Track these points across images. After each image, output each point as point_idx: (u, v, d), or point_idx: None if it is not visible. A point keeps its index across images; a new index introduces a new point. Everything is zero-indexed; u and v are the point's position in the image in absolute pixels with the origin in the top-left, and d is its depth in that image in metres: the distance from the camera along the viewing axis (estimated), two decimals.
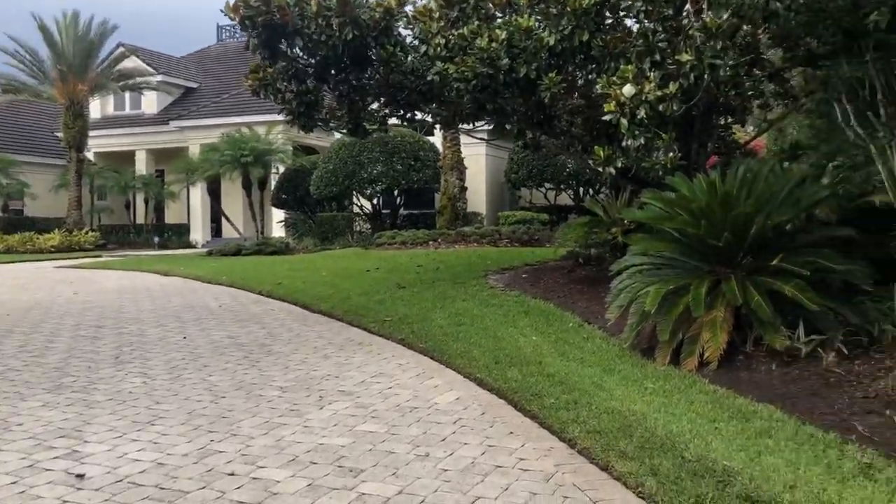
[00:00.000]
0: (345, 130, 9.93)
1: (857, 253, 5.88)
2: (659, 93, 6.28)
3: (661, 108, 6.35)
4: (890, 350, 5.49)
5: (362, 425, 4.89)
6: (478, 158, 22.46)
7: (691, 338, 5.71)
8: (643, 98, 6.30)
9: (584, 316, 7.83)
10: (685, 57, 5.92)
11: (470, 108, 9.17)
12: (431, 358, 6.85)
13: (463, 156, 19.03)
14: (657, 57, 6.27)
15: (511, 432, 4.68)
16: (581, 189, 22.00)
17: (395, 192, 21.76)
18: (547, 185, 21.70)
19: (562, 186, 21.77)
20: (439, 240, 16.33)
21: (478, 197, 22.42)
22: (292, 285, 11.82)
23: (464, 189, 18.64)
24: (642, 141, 7.98)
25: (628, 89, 6.38)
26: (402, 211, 22.67)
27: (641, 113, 6.32)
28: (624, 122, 6.45)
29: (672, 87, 6.17)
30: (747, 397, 4.91)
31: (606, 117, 6.60)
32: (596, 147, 8.17)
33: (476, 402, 5.37)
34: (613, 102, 6.46)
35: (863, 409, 4.59)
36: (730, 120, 12.22)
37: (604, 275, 9.99)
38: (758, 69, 7.80)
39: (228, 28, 39.66)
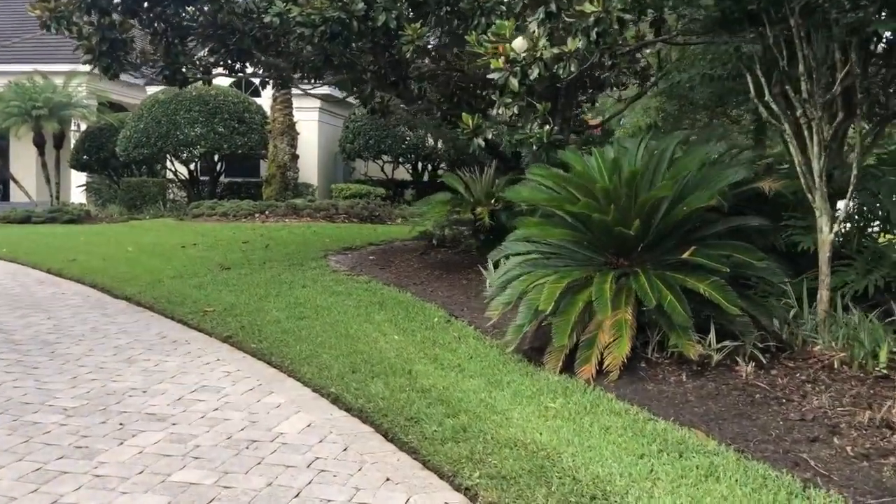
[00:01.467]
0: (160, 78, 8.18)
1: (759, 245, 5.25)
2: (556, 50, 5.29)
3: (557, 68, 5.36)
4: (802, 357, 4.89)
5: (180, 473, 3.53)
6: (310, 125, 20.83)
7: (587, 342, 4.81)
8: (537, 55, 5.28)
9: (449, 308, 6.80)
10: (590, 7, 4.96)
11: (314, 60, 7.80)
12: (268, 363, 5.53)
13: (295, 120, 17.39)
14: (553, 7, 5.26)
15: (388, 479, 3.53)
16: (420, 163, 21.04)
17: (216, 158, 19.69)
18: (385, 157, 20.50)
19: (400, 160, 20.66)
20: (267, 212, 14.72)
21: (309, 167, 20.81)
22: (90, 263, 9.88)
23: (295, 157, 17.05)
24: (515, 110, 7.08)
25: (519, 43, 5.34)
26: (222, 179, 20.62)
27: (535, 72, 5.30)
28: (514, 81, 5.41)
29: (572, 44, 5.20)
30: (667, 420, 4.06)
31: (493, 76, 5.53)
32: (463, 115, 7.13)
33: (334, 429, 4.16)
34: (502, 59, 5.39)
35: (805, 436, 3.86)
36: (582, 98, 11.70)
37: (464, 259, 9.06)
38: (662, 33, 7.08)
39: None
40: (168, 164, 20.22)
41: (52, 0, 7.65)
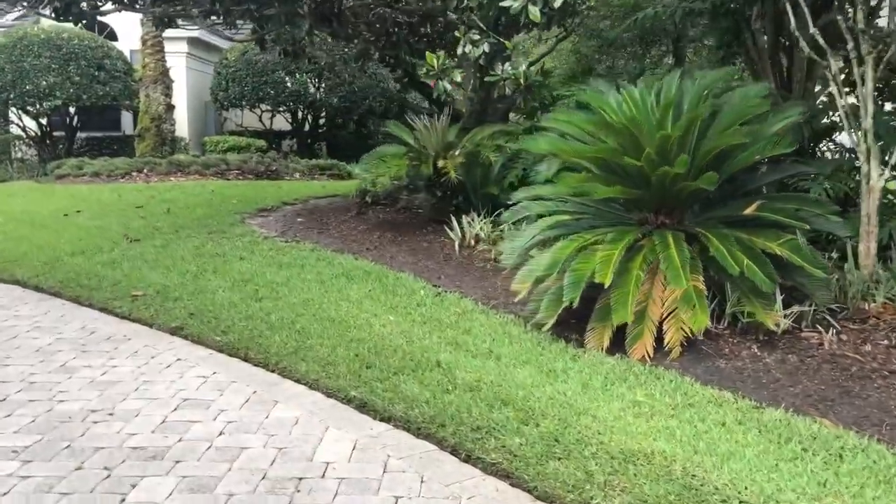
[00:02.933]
0: (50, 12, 6.64)
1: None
2: None
3: None
4: (860, 317, 4.49)
5: None
6: (177, 72, 18.80)
7: (638, 315, 4.18)
8: None
9: (424, 277, 6.00)
10: None
11: None
12: (246, 360, 4.54)
13: (169, 66, 15.54)
14: None
15: None
16: (301, 112, 19.63)
17: (72, 111, 17.45)
18: (263, 106, 18.93)
19: (280, 108, 19.16)
20: (146, 171, 13.06)
21: (178, 119, 18.87)
22: None
23: (171, 107, 15.25)
24: (485, 48, 6.30)
25: None
26: (79, 134, 18.37)
27: None
28: (534, 9, 4.57)
29: None
30: (776, 405, 3.52)
31: (507, 3, 4.66)
32: (427, 55, 6.25)
33: (390, 451, 3.32)
34: None
35: None
36: None
37: (410, 219, 8.21)
38: None
39: None
40: (13, 118, 17.70)
41: None
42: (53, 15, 6.47)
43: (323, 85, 18.56)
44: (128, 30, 19.49)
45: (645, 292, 4.22)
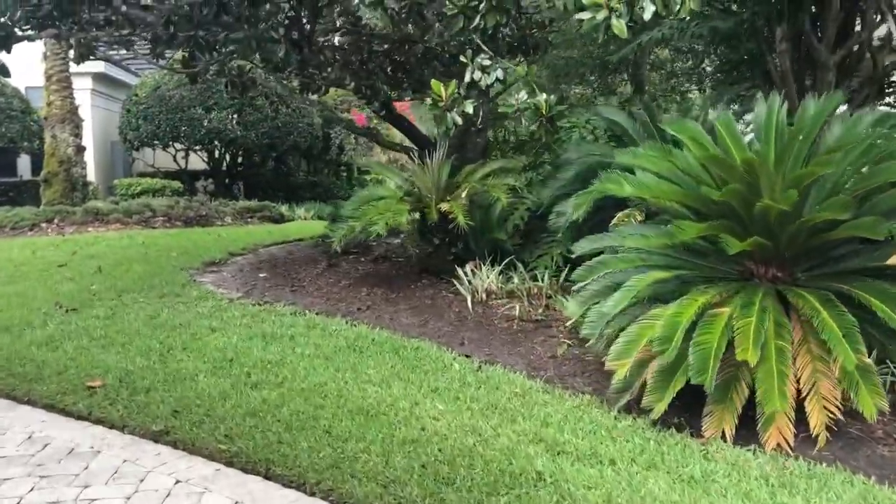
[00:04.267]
0: None
1: None
2: None
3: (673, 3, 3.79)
4: None
5: None
6: (80, 110, 17.22)
7: (766, 394, 3.39)
8: None
9: (446, 343, 5.09)
10: None
11: (205, 13, 5.52)
12: (266, 476, 3.48)
13: (77, 104, 14.01)
14: None
15: None
16: (219, 151, 18.33)
17: None
18: (178, 144, 17.54)
19: (196, 147, 17.81)
20: (57, 221, 11.54)
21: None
22: None
23: (81, 149, 13.70)
24: (499, 75, 5.54)
25: None
26: None
27: (649, 9, 3.69)
28: (619, 22, 3.76)
29: None
30: None
31: (584, 15, 3.84)
32: (434, 83, 5.39)
33: None
34: None
35: None
36: None
37: (395, 271, 7.24)
38: None
39: None
40: None
41: None
42: None
43: (243, 121, 17.37)
44: (22, 65, 17.73)
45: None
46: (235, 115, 17.17)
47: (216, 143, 17.63)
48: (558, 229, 5.76)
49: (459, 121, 5.52)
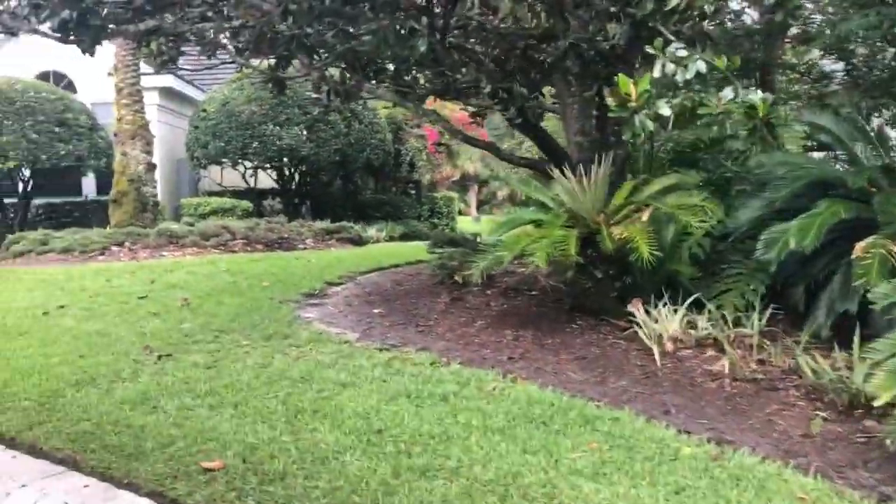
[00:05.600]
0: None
1: None
2: None
3: None
4: None
5: None
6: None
7: None
8: None
9: (647, 412, 3.95)
10: None
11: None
12: None
13: (148, 120, 13.28)
14: None
15: None
16: (289, 169, 17.51)
17: (27, 173, 15.01)
18: (247, 162, 16.76)
19: (267, 165, 17.02)
20: (128, 244, 10.72)
21: None
22: None
23: (151, 167, 12.95)
24: (700, 67, 4.49)
25: None
26: (35, 200, 15.87)
27: None
28: None
29: None
30: None
31: None
32: (621, 78, 4.32)
33: None
34: None
35: None
36: None
37: (536, 306, 6.14)
38: None
39: None
40: None
41: None
42: (57, 30, 4.30)
43: (314, 138, 16.51)
44: (88, 81, 17.22)
45: None
46: (306, 132, 16.35)
47: (286, 160, 16.82)
48: (768, 262, 4.59)
49: (650, 125, 4.43)
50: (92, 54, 5.57)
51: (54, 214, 16.15)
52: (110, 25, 4.52)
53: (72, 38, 4.23)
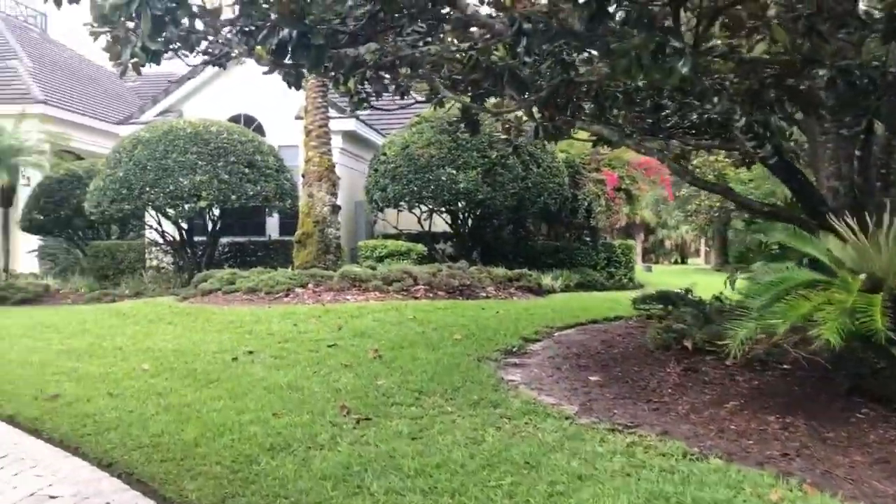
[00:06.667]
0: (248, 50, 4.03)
1: None
2: None
3: None
4: None
5: None
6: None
7: None
8: None
9: None
10: None
11: None
12: None
13: (334, 161, 13.25)
14: None
15: None
16: (465, 213, 17.10)
17: (216, 213, 15.45)
18: (423, 206, 16.50)
19: (441, 209, 16.70)
20: (312, 286, 10.51)
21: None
22: (84, 402, 5.56)
23: (336, 208, 12.87)
24: None
25: None
26: (221, 239, 16.32)
27: None
28: None
29: None
30: None
31: None
32: None
33: None
34: None
35: None
36: None
37: (796, 385, 5.07)
38: None
39: None
40: (149, 221, 15.83)
41: None
42: (273, 54, 3.87)
43: (491, 181, 16.00)
44: (275, 124, 17.75)
45: None
46: (483, 176, 15.87)
47: (461, 204, 16.40)
48: None
49: None
50: (298, 87, 5.19)
51: (239, 253, 16.55)
52: (330, 50, 4.07)
53: (287, 61, 3.78)
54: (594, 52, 5.04)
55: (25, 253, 19.97)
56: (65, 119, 21.21)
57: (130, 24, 4.02)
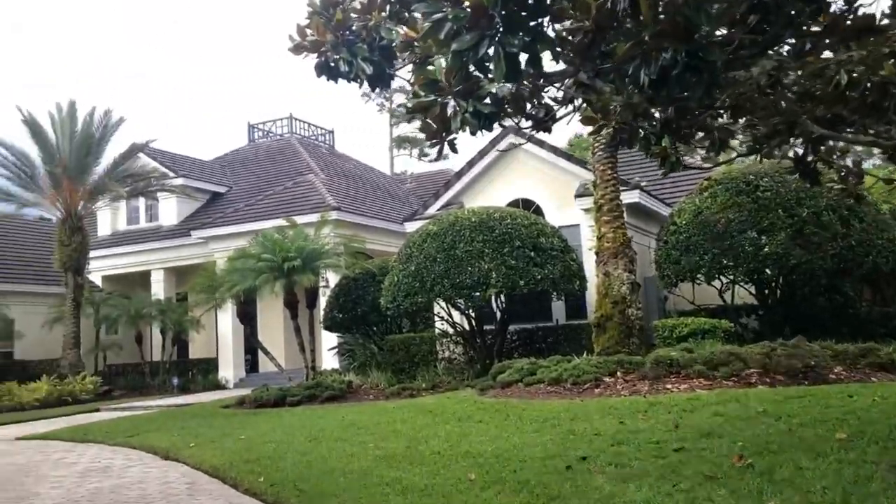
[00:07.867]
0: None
1: None
2: None
3: None
4: None
5: None
6: None
7: None
8: None
9: None
10: None
11: None
12: None
13: (630, 236, 12.32)
14: None
15: None
16: (773, 282, 15.16)
17: (502, 300, 15.08)
18: (723, 276, 14.87)
19: (743, 279, 14.94)
20: (620, 374, 9.47)
21: None
22: None
23: (636, 287, 11.87)
24: None
25: None
26: (510, 327, 15.89)
27: None
28: None
29: None
30: None
31: None
32: None
33: None
34: None
35: None
36: None
37: None
38: None
39: (260, 127, 34.55)
40: (439, 313, 15.85)
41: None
42: (644, 89, 3.04)
43: (804, 243, 14.01)
44: (552, 205, 17.32)
45: None
46: (794, 237, 13.96)
47: (768, 271, 14.53)
48: None
49: None
50: (548, 130, 4.45)
51: (528, 340, 15.99)
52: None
53: (660, 95, 2.93)
54: None
55: (327, 350, 21.15)
56: (355, 222, 22.65)
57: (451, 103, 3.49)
